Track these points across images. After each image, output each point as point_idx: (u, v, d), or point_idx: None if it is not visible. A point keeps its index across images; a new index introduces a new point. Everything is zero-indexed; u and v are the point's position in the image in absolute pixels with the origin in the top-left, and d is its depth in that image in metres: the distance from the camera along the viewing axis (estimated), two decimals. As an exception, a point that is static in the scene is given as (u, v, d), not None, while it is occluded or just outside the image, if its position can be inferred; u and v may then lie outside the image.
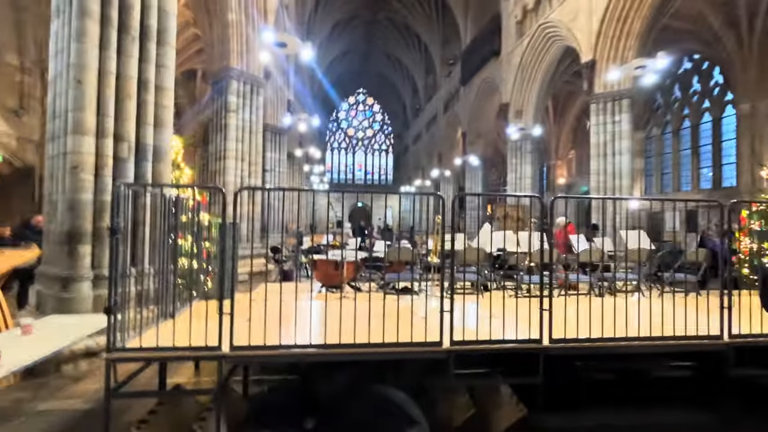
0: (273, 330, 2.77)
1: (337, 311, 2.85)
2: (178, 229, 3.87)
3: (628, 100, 12.21)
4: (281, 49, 8.85)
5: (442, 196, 2.96)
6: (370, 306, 2.92)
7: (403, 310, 3.06)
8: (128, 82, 4.84)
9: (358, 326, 2.80)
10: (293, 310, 3.51)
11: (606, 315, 2.98)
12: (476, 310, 2.97)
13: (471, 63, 22.82)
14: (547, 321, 2.89)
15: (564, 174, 25.37)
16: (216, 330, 2.62)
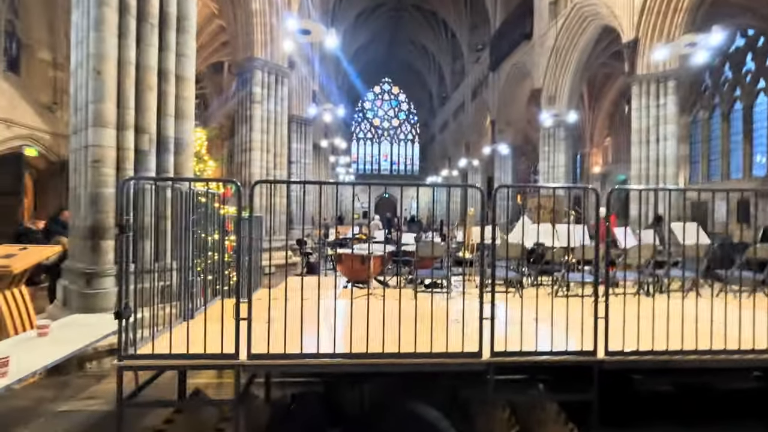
0: (294, 334, 2.54)
1: (363, 312, 2.59)
2: (200, 224, 3.70)
3: (674, 82, 11.33)
4: (305, 36, 8.59)
5: (480, 188, 2.62)
6: (400, 308, 2.65)
7: (435, 313, 2.77)
8: (148, 72, 4.70)
9: (386, 331, 2.53)
10: (316, 310, 3.28)
11: (662, 318, 2.59)
12: (514, 311, 2.65)
13: (500, 48, 21.94)
14: (603, 330, 2.53)
15: (599, 162, 24.21)
16: (234, 334, 2.42)
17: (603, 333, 2.54)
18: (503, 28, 21.85)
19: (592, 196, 2.48)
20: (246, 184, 10.84)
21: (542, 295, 5.28)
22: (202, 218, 3.87)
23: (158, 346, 2.47)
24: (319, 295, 3.27)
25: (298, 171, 16.73)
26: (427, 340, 2.50)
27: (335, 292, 3.89)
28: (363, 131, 46.81)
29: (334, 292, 3.86)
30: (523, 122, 23.91)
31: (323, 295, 3.61)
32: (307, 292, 2.94)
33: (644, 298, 4.71)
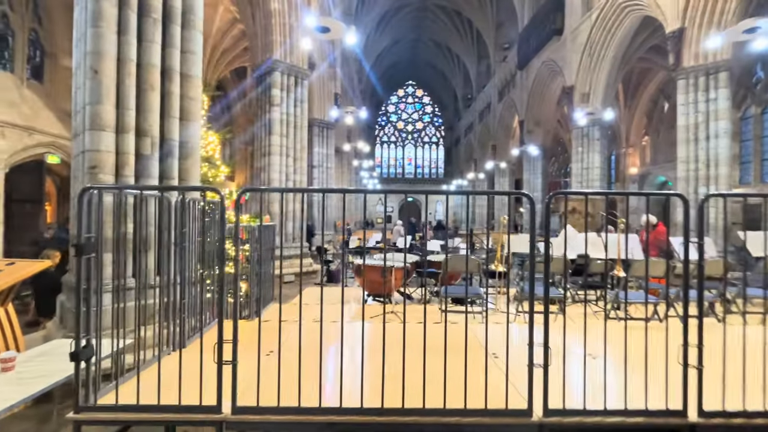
0: (292, 379, 2.04)
1: (379, 343, 2.07)
2: (191, 236, 3.27)
3: (726, 73, 10.31)
4: (324, 35, 8.17)
5: (529, 195, 2.06)
6: (425, 340, 2.12)
7: (468, 343, 2.21)
8: (150, 70, 4.34)
9: (408, 371, 2.00)
10: (320, 342, 2.77)
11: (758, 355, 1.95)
12: (557, 336, 2.06)
13: (529, 45, 21.07)
14: (695, 381, 1.91)
15: (636, 163, 22.87)
16: (216, 380, 1.94)
17: (696, 385, 1.91)
18: (531, 25, 20.98)
19: (679, 203, 1.88)
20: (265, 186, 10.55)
21: (589, 316, 4.62)
22: (196, 228, 3.45)
23: (124, 394, 2.01)
24: (321, 319, 2.74)
25: (320, 175, 16.42)
26: (459, 386, 1.95)
27: (342, 310, 3.38)
28: (387, 135, 46.42)
29: (340, 315, 3.34)
30: (553, 122, 22.89)
31: (335, 316, 3.08)
32: (317, 311, 2.45)
33: (715, 322, 3.98)
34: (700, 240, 1.90)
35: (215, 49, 16.44)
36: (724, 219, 2.42)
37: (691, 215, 9.68)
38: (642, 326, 2.70)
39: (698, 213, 1.90)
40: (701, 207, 1.91)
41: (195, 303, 3.41)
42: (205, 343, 2.21)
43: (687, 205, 1.91)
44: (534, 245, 2.78)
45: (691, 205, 8.37)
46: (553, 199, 9.96)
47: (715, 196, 2.03)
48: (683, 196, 1.94)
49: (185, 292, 3.08)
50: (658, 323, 4.26)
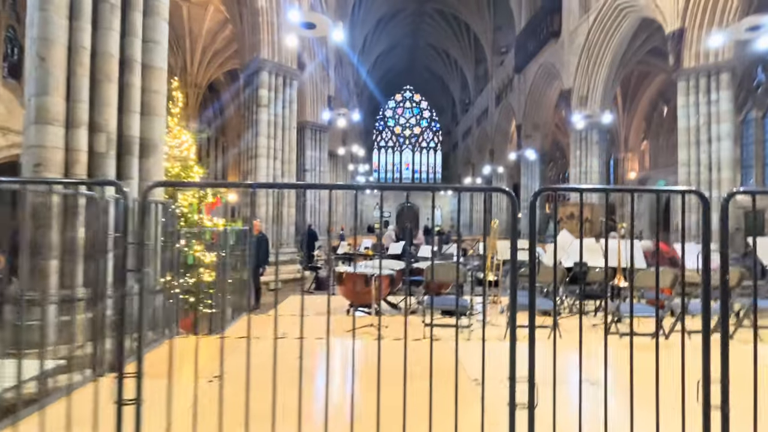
0: (235, 412, 1.65)
1: (352, 362, 1.68)
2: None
3: (728, 74, 10.01)
4: (310, 30, 7.83)
5: (509, 191, 1.69)
6: (405, 372, 1.75)
7: (449, 366, 1.84)
8: (107, 59, 3.96)
9: (384, 404, 1.62)
10: (276, 365, 2.37)
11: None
12: (549, 357, 1.67)
13: (526, 48, 20.84)
14: (719, 422, 1.52)
15: (636, 168, 22.57)
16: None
17: (720, 425, 1.52)
18: (529, 28, 20.75)
19: (695, 201, 1.51)
20: (253, 192, 10.15)
21: (587, 329, 4.23)
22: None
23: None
24: (303, 335, 2.34)
25: (313, 179, 16.04)
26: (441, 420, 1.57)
27: (325, 324, 3.00)
28: (384, 140, 46.16)
29: (304, 329, 2.96)
30: (551, 126, 22.60)
31: (309, 331, 2.69)
32: (290, 324, 2.09)
33: (735, 343, 3.59)
34: (723, 248, 1.51)
35: (206, 50, 16.16)
36: (722, 221, 1.98)
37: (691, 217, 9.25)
38: (646, 344, 2.31)
39: (721, 216, 1.51)
40: (724, 208, 1.52)
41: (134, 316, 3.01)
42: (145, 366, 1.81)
43: (707, 204, 1.53)
44: (535, 252, 2.40)
45: (695, 210, 7.93)
46: (549, 202, 9.46)
47: (741, 194, 1.66)
48: (701, 193, 1.56)
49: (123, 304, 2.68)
50: (663, 339, 3.87)
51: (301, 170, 15.81)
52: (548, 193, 29.58)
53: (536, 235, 1.61)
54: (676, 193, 1.60)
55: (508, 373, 1.80)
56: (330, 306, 2.39)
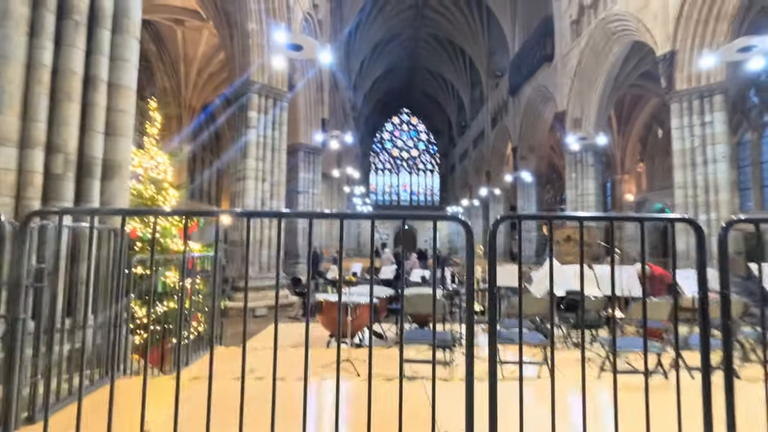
0: None
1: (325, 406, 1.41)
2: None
3: (722, 96, 9.93)
4: (298, 52, 7.76)
5: (466, 221, 1.44)
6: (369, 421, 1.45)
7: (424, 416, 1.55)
8: (69, 78, 3.77)
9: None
10: (233, 411, 2.07)
11: None
12: (537, 404, 1.39)
13: (520, 72, 21.03)
14: None
15: (632, 190, 22.44)
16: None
17: None
18: (522, 52, 21.00)
19: (687, 230, 1.25)
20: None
21: (579, 365, 3.90)
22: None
23: None
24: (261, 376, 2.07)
25: (306, 201, 15.83)
26: None
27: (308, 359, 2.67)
28: (382, 162, 46.34)
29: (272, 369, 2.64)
30: (547, 148, 22.62)
31: (281, 366, 2.40)
32: (263, 359, 1.82)
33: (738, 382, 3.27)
34: (724, 288, 1.25)
35: (201, 73, 16.22)
36: (721, 252, 1.80)
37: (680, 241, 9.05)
38: (642, 384, 2.03)
39: (720, 248, 1.25)
40: (723, 239, 1.27)
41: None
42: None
43: (701, 234, 1.27)
44: (522, 278, 2.14)
45: (692, 234, 7.72)
46: (545, 226, 9.08)
47: (741, 222, 1.42)
48: (695, 221, 1.31)
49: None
50: (663, 378, 3.55)
51: (293, 192, 15.63)
52: (548, 211, 29.34)
53: (495, 264, 1.35)
54: (666, 221, 1.38)
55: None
56: (312, 335, 2.10)
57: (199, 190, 19.85)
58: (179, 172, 17.07)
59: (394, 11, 28.94)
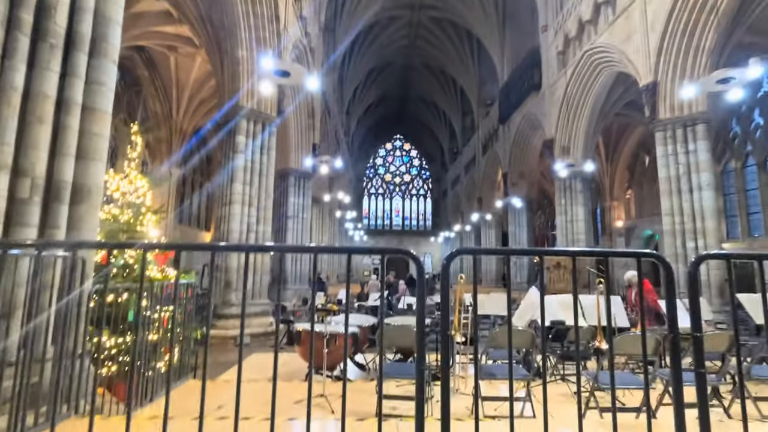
0: None
1: None
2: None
3: (704, 125, 10.11)
4: (285, 79, 7.81)
5: (416, 257, 1.34)
6: None
7: None
8: (40, 100, 3.70)
9: None
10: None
11: None
12: None
13: (509, 100, 21.47)
14: None
15: (622, 216, 22.59)
16: None
17: None
18: (511, 81, 21.49)
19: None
20: (224, 241, 9.73)
21: (566, 402, 3.73)
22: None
23: None
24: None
25: (295, 226, 15.70)
26: None
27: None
28: (375, 187, 46.54)
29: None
30: (537, 174, 22.84)
31: (247, 405, 2.23)
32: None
33: (725, 419, 3.12)
34: (696, 331, 1.15)
35: (192, 99, 16.33)
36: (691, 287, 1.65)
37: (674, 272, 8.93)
38: (631, 423, 1.87)
39: (689, 280, 1.16)
40: (693, 273, 1.18)
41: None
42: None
43: (669, 270, 1.18)
44: (509, 308, 2.01)
45: (681, 261, 7.63)
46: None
47: (711, 258, 1.34)
48: (661, 257, 1.22)
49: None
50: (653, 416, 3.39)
51: (283, 217, 15.51)
52: (540, 236, 29.27)
53: (448, 301, 1.23)
54: (632, 256, 1.30)
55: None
56: (291, 367, 1.94)
57: (188, 214, 19.65)
58: (168, 196, 16.92)
59: (387, 41, 29.70)
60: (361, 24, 24.17)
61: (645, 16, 11.07)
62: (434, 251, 43.84)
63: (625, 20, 11.99)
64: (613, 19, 12.62)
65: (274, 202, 12.58)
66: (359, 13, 23.43)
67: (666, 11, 10.25)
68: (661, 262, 1.20)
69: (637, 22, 11.37)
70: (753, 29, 11.51)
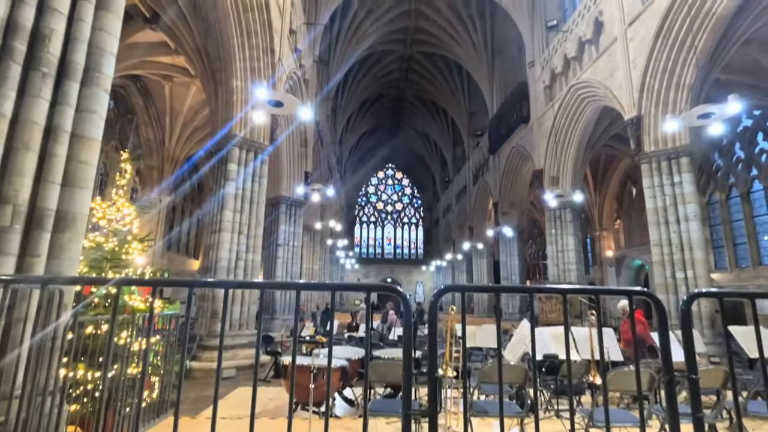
0: None
1: None
2: None
3: (688, 158, 10.37)
4: (278, 109, 7.91)
5: (403, 294, 1.30)
6: None
7: None
8: (28, 127, 3.67)
9: None
10: None
11: None
12: None
13: (499, 131, 21.94)
14: None
15: (612, 246, 22.77)
16: None
17: None
18: (500, 113, 22.03)
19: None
20: (212, 269, 9.56)
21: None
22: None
23: None
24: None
25: (285, 254, 15.53)
26: None
27: None
28: (366, 215, 46.61)
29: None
30: (527, 204, 23.09)
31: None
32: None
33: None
34: (692, 372, 1.11)
35: (186, 126, 16.44)
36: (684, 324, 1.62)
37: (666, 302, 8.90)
38: None
39: (682, 319, 1.13)
40: (685, 312, 1.15)
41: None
42: None
43: (661, 308, 1.15)
44: (500, 340, 1.95)
45: (672, 291, 7.64)
46: (529, 279, 8.97)
47: (703, 296, 1.32)
48: (653, 295, 1.20)
49: None
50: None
51: (273, 245, 15.37)
52: (532, 266, 29.30)
53: (436, 341, 1.19)
54: (622, 293, 1.28)
55: None
56: (277, 400, 1.84)
57: (177, 241, 19.38)
58: (157, 223, 16.73)
59: (380, 73, 30.49)
60: (355, 57, 24.88)
61: (627, 54, 11.54)
62: (426, 280, 43.56)
63: (608, 57, 12.48)
64: (596, 56, 13.12)
65: (265, 230, 12.48)
66: (353, 47, 24.13)
67: (647, 49, 10.70)
68: (653, 300, 1.18)
69: (620, 59, 11.83)
70: (730, 68, 12.02)
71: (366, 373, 2.48)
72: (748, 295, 1.32)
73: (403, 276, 43.41)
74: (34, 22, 3.76)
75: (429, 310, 1.21)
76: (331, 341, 1.98)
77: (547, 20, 17.11)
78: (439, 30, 25.49)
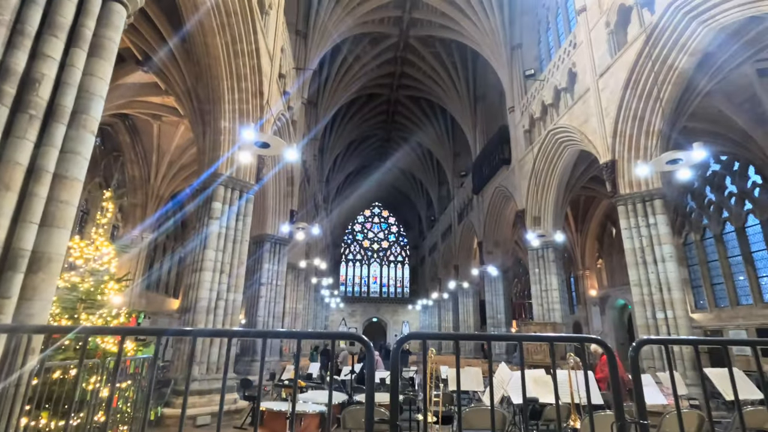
0: None
1: None
2: None
3: (661, 201, 10.77)
4: (265, 150, 8.07)
5: (368, 343, 1.34)
6: None
7: None
8: (11, 168, 3.69)
9: None
10: None
11: None
12: None
13: (482, 173, 22.54)
14: None
15: (595, 285, 22.97)
16: None
17: None
18: (483, 155, 22.72)
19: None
20: (192, 309, 9.32)
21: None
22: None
23: None
24: None
25: (268, 293, 15.26)
26: None
27: None
28: (353, 253, 46.39)
29: None
30: (511, 243, 23.35)
31: None
32: None
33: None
34: (641, 418, 1.16)
35: (172, 165, 16.51)
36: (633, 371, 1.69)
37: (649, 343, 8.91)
38: None
39: (631, 366, 1.19)
40: (633, 359, 1.21)
41: None
42: None
43: (611, 354, 1.21)
44: (459, 395, 1.95)
45: (653, 331, 7.69)
46: (516, 319, 8.98)
47: (649, 343, 1.37)
48: (603, 342, 1.26)
49: None
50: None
51: (256, 283, 15.12)
52: (518, 305, 29.18)
53: (398, 384, 1.21)
54: (577, 340, 1.34)
55: None
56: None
57: (156, 280, 18.91)
58: (137, 261, 16.38)
59: (367, 115, 31.43)
60: (343, 100, 25.70)
61: (599, 103, 12.22)
62: (412, 320, 42.93)
63: (582, 105, 13.17)
64: (572, 103, 13.84)
65: (248, 269, 12.32)
66: (341, 90, 24.98)
67: (617, 98, 11.36)
68: (604, 348, 1.24)
69: (593, 107, 12.50)
70: (695, 116, 12.76)
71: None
72: (692, 341, 1.39)
73: (389, 315, 42.74)
74: (26, 67, 3.87)
75: (391, 358, 1.25)
76: (331, 383, 1.97)
77: (525, 69, 18.11)
78: (423, 76, 26.67)
